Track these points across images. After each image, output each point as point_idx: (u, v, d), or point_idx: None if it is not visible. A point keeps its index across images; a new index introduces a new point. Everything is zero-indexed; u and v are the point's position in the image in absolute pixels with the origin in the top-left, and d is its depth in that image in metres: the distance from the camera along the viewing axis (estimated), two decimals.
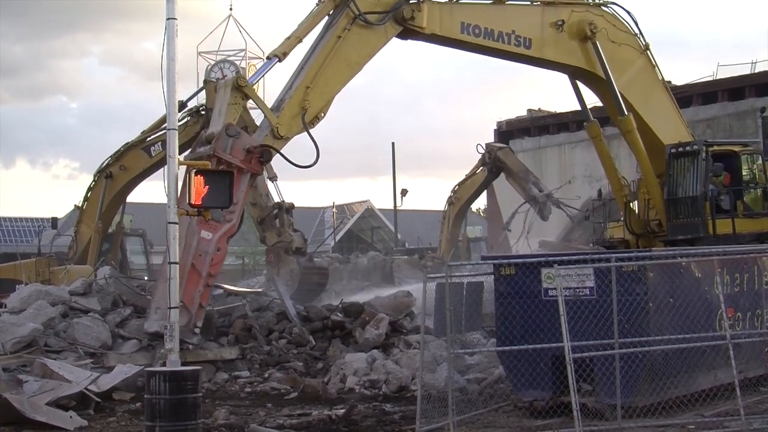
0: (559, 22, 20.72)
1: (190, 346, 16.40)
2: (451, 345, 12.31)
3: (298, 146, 18.79)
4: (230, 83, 18.08)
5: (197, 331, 16.55)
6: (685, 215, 21.41)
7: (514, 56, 20.85)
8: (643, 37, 22.18)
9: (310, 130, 18.02)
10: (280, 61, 18.23)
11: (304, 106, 17.91)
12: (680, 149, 21.68)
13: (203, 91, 24.14)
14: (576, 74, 22.12)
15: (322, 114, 18.44)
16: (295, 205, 24.96)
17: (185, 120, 24.55)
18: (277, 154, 17.91)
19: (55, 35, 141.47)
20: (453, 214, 37.87)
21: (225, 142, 16.84)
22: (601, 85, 21.67)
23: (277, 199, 23.47)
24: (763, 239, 20.30)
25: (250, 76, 18.10)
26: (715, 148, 22.01)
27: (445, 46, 20.41)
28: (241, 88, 18.00)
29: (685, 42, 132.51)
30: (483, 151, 35.67)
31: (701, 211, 21.01)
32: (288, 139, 17.99)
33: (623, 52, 21.86)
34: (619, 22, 21.90)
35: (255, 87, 19.35)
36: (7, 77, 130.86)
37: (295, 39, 18.32)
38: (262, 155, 17.27)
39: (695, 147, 21.52)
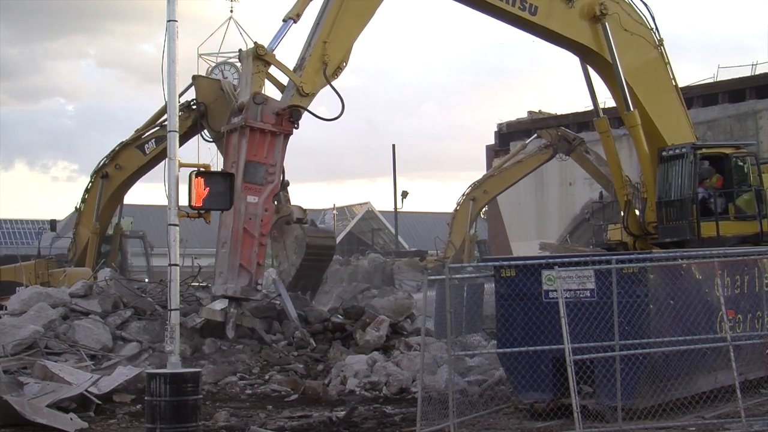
0: None
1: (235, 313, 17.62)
2: (451, 347, 12.31)
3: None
4: (251, 53, 18.52)
5: (260, 288, 17.72)
6: (674, 218, 21.37)
7: (518, 21, 20.77)
8: (658, 32, 22.08)
9: (333, 82, 18.63)
10: (295, 22, 18.69)
11: (325, 60, 18.47)
12: (670, 152, 21.59)
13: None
14: (585, 55, 22.04)
15: (344, 63, 18.98)
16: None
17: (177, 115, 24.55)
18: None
19: (51, 37, 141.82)
20: (476, 211, 37.12)
21: (254, 111, 17.71)
22: (609, 72, 21.57)
23: None
24: (749, 242, 20.22)
25: (269, 43, 18.53)
26: (704, 150, 21.85)
27: None
28: (262, 57, 18.40)
29: (682, 44, 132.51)
30: (554, 133, 34.82)
31: (688, 214, 20.94)
32: (314, 95, 18.63)
33: (635, 42, 21.77)
34: (635, 13, 21.83)
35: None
36: (4, 79, 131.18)
37: None
38: (291, 115, 18.09)
39: (683, 150, 21.42)
